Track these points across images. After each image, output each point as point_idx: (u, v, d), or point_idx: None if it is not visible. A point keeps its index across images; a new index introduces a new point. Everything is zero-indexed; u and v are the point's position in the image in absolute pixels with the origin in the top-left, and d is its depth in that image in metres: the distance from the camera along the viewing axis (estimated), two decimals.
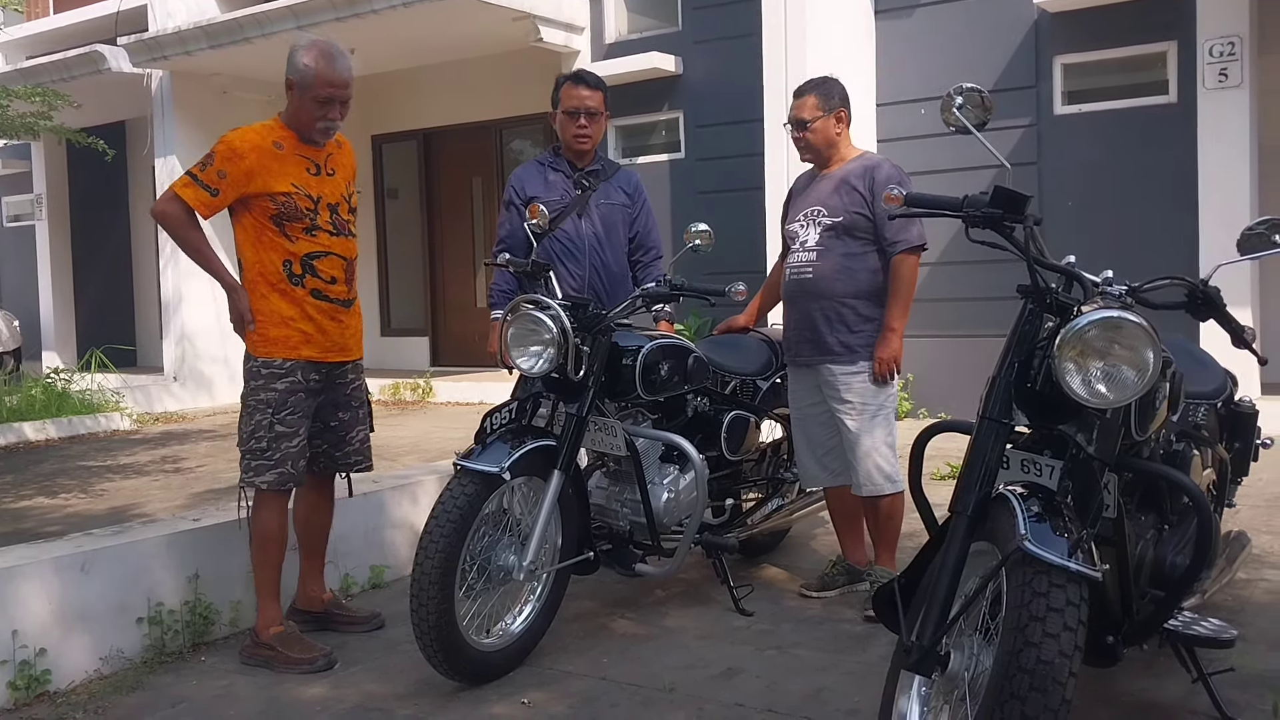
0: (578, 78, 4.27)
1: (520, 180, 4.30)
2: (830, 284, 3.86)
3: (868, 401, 3.84)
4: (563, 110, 4.22)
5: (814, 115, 3.94)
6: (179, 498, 6.08)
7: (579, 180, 4.27)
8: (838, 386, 3.87)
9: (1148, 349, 2.21)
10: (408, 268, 12.79)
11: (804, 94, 3.98)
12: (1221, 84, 7.08)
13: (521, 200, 4.19)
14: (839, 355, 3.86)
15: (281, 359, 3.52)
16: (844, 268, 3.84)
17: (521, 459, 3.28)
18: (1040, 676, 2.00)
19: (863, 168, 3.89)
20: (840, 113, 3.95)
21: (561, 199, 4.22)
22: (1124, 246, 7.31)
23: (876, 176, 3.82)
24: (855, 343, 3.85)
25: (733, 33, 9.12)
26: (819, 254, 3.88)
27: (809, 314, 3.91)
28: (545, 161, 4.34)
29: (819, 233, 3.89)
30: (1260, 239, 2.59)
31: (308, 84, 3.51)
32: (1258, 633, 3.42)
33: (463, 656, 3.19)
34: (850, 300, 3.84)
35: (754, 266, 8.12)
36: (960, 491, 2.37)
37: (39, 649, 3.26)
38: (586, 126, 4.21)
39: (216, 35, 10.06)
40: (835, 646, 3.49)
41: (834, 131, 3.95)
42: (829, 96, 3.94)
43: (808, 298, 3.91)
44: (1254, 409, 3.43)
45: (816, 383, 3.96)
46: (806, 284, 3.91)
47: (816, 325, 3.89)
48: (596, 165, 4.33)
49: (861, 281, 3.84)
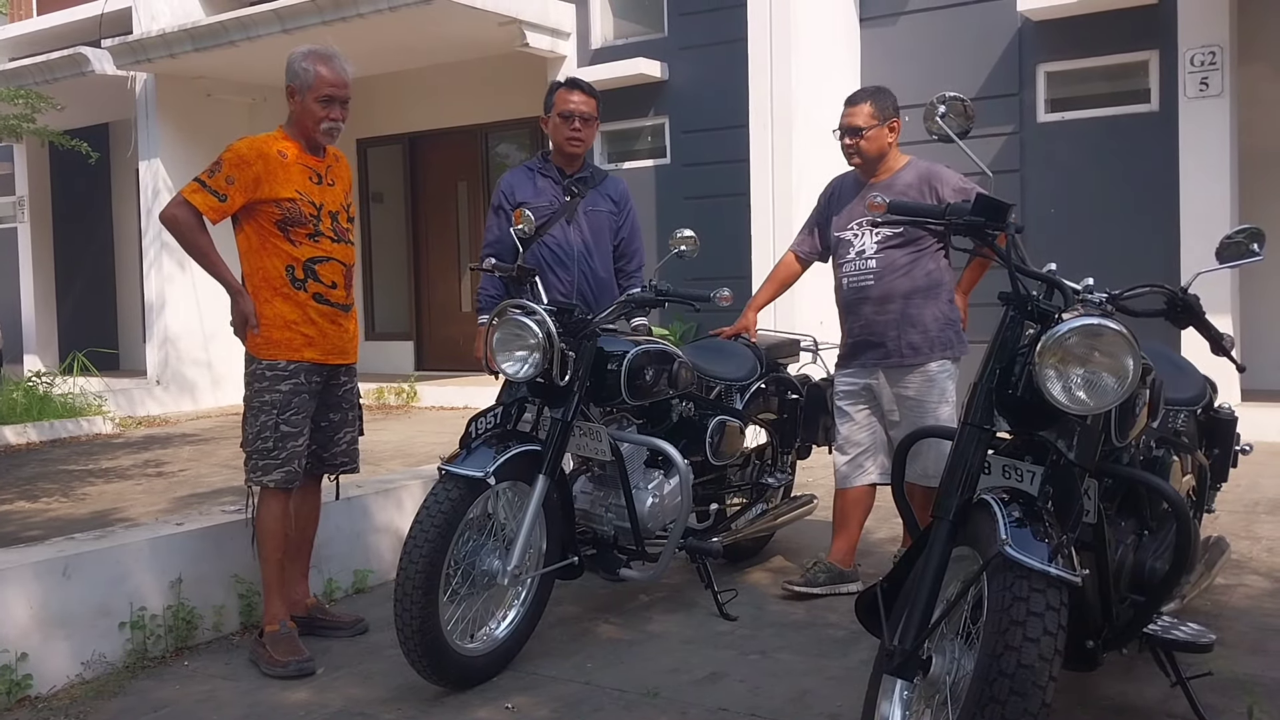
0: (573, 83, 4.29)
1: (509, 185, 4.32)
2: (898, 289, 3.99)
3: (932, 397, 3.98)
4: (557, 113, 4.24)
5: (869, 124, 4.01)
6: (161, 502, 6.05)
7: (568, 186, 4.28)
8: (904, 384, 4.01)
9: (1127, 356, 2.23)
10: (393, 272, 12.77)
11: (859, 101, 4.06)
12: (1203, 93, 7.15)
13: (511, 205, 4.20)
14: (905, 358, 4.00)
15: (285, 361, 3.58)
16: (906, 275, 3.98)
17: (506, 464, 3.28)
18: (1020, 680, 2.02)
19: (919, 177, 4.01)
20: (894, 123, 4.05)
21: (550, 205, 4.23)
22: (1105, 254, 7.36)
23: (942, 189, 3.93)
24: (922, 343, 3.98)
25: (718, 39, 9.14)
26: (879, 262, 4.00)
27: (872, 321, 4.04)
28: (534, 167, 4.35)
29: (877, 242, 4.01)
30: (1239, 247, 2.61)
31: (309, 86, 3.59)
32: (1236, 637, 3.45)
33: (447, 661, 3.19)
34: (920, 302, 3.98)
35: (739, 272, 8.15)
36: (942, 497, 2.39)
37: (20, 654, 3.24)
38: (580, 131, 4.23)
39: (201, 38, 10.03)
40: (818, 651, 3.51)
41: (887, 141, 4.05)
42: (884, 106, 4.04)
43: (871, 306, 4.03)
44: (1233, 415, 3.47)
45: (876, 388, 4.08)
46: (866, 291, 4.04)
47: (883, 331, 4.01)
48: (585, 172, 4.35)
49: (920, 284, 3.99)
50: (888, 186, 4.00)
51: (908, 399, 4.02)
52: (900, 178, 4.03)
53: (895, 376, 4.04)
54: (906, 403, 4.02)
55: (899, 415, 4.05)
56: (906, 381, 4.01)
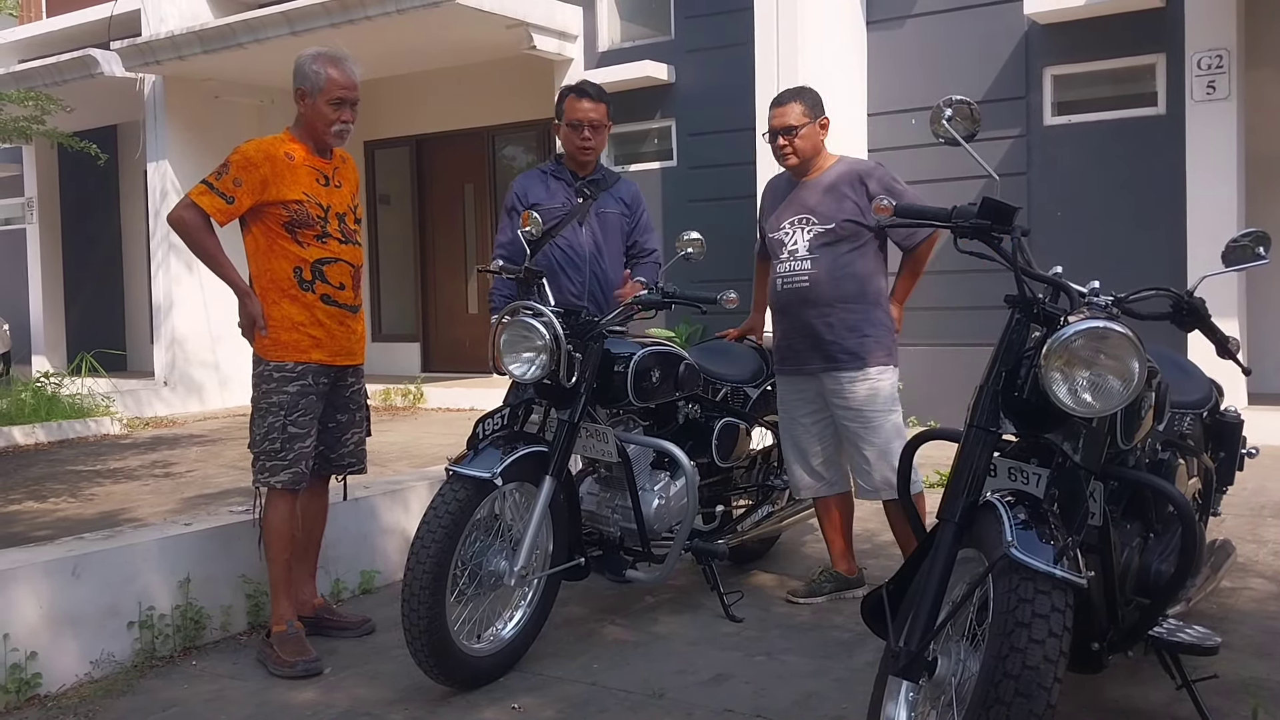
0: (581, 90, 4.31)
1: (523, 187, 4.36)
2: (828, 291, 3.88)
3: (877, 408, 3.86)
4: (566, 122, 4.28)
5: (801, 122, 3.97)
6: (169, 502, 6.07)
7: (580, 189, 4.32)
8: (845, 394, 3.89)
9: (1133, 359, 2.24)
10: (400, 273, 12.79)
11: (787, 101, 4.01)
12: (1209, 96, 7.14)
13: (524, 207, 4.23)
14: (842, 364, 3.88)
15: (293, 362, 3.59)
16: (842, 274, 3.87)
17: (513, 465, 3.30)
18: (1025, 682, 2.03)
19: (851, 173, 3.91)
20: (824, 120, 4.00)
21: (563, 207, 4.27)
22: (1111, 257, 7.35)
23: (870, 184, 3.85)
24: (859, 348, 3.86)
25: (725, 42, 9.15)
26: (813, 262, 3.90)
27: (808, 322, 3.93)
28: (548, 170, 4.40)
29: (809, 240, 3.91)
30: (1245, 251, 2.62)
31: (320, 88, 3.61)
32: (1242, 640, 3.45)
33: (453, 661, 3.20)
34: (850, 305, 3.87)
35: (745, 274, 8.08)
36: (948, 499, 2.40)
37: (30, 652, 3.26)
38: (590, 139, 4.27)
39: (209, 40, 10.06)
40: (824, 653, 3.51)
41: (819, 138, 3.99)
42: (813, 104, 3.99)
43: (805, 306, 3.93)
44: (1239, 418, 3.47)
45: (815, 392, 3.98)
46: (800, 293, 3.93)
47: (818, 333, 3.90)
48: (597, 175, 4.38)
49: (857, 285, 3.87)
50: (817, 184, 3.96)
51: (850, 409, 3.89)
52: (828, 175, 3.96)
53: (833, 383, 3.91)
54: (848, 414, 3.89)
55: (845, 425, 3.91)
56: (847, 391, 3.88)
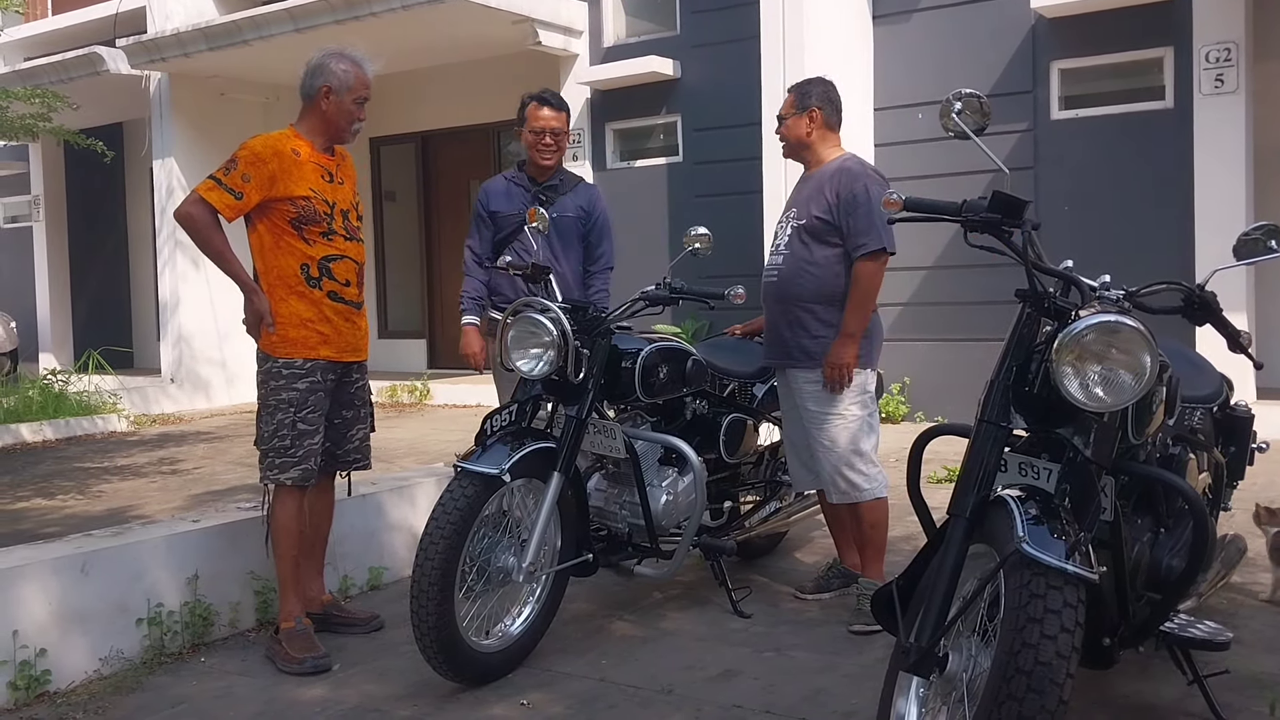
0: (543, 99, 4.45)
1: (485, 194, 4.54)
2: (790, 287, 3.84)
3: (827, 408, 3.79)
4: (528, 130, 4.43)
5: (788, 112, 3.96)
6: (177, 499, 6.08)
7: (537, 195, 4.44)
8: (800, 393, 3.86)
9: (1144, 353, 2.22)
10: (405, 270, 12.80)
11: (789, 91, 4.02)
12: (1218, 90, 7.11)
13: (486, 213, 4.47)
14: (798, 361, 3.84)
15: (302, 359, 3.60)
16: (804, 271, 3.81)
17: (521, 461, 3.29)
18: (1038, 678, 2.02)
19: (834, 170, 3.85)
20: (813, 112, 3.90)
21: (520, 212, 4.36)
22: (1121, 251, 7.33)
23: (842, 179, 3.78)
24: (814, 348, 3.80)
25: (731, 37, 9.13)
26: (784, 258, 3.88)
27: (774, 317, 3.93)
28: (509, 177, 4.56)
29: (788, 236, 3.90)
30: (1256, 244, 2.60)
31: (349, 86, 3.67)
32: (1253, 635, 3.44)
33: (462, 658, 3.20)
34: (810, 304, 3.80)
35: (752, 270, 8.07)
36: (958, 494, 2.39)
37: (39, 649, 3.26)
38: (551, 145, 4.42)
39: (215, 37, 10.07)
40: (833, 648, 3.50)
41: (804, 130, 3.92)
42: (805, 95, 3.94)
43: (772, 300, 3.92)
44: (1249, 413, 3.45)
45: (788, 387, 3.98)
46: (771, 287, 3.92)
47: (780, 329, 3.89)
48: (555, 180, 4.50)
49: (824, 286, 3.78)
50: (810, 179, 3.93)
51: (804, 407, 3.84)
52: (823, 170, 3.89)
53: (793, 379, 3.87)
54: (804, 411, 3.85)
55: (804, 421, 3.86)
56: (803, 388, 3.83)
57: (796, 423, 3.97)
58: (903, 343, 8.01)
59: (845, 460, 3.79)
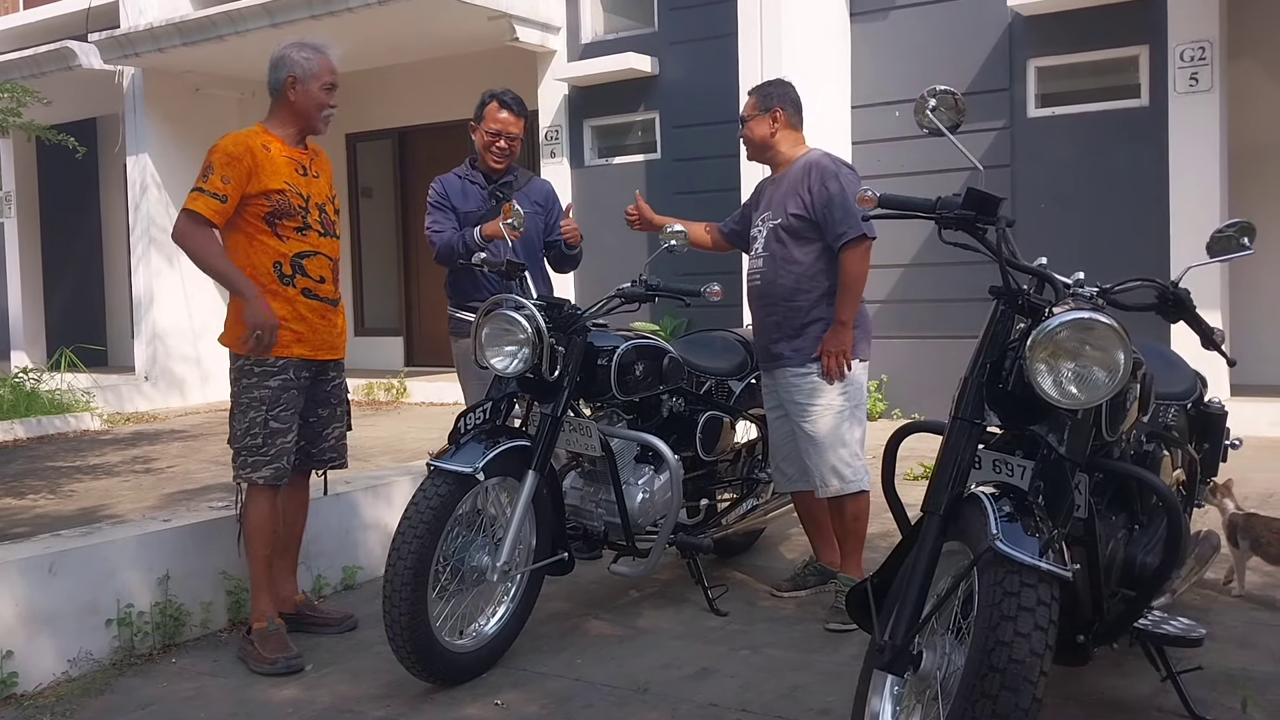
0: (504, 101, 4.43)
1: (442, 185, 4.49)
2: (776, 288, 3.86)
3: (819, 402, 3.81)
4: (484, 129, 4.41)
5: (751, 113, 3.98)
6: (150, 498, 6.02)
7: (493, 192, 4.43)
8: (790, 389, 3.87)
9: (1118, 350, 2.23)
10: (382, 267, 12.73)
11: (750, 94, 4.04)
12: (1192, 88, 7.15)
13: (447, 204, 4.41)
14: (789, 359, 3.86)
15: (274, 357, 3.55)
16: (788, 271, 3.83)
17: (496, 459, 3.27)
18: (1011, 675, 2.01)
19: (803, 167, 3.87)
20: (776, 113, 3.93)
21: (477, 210, 4.38)
22: (1095, 248, 7.36)
23: (813, 174, 3.80)
24: (803, 345, 3.83)
25: (709, 34, 9.12)
26: (765, 260, 3.90)
27: (762, 319, 3.95)
28: (462, 174, 4.52)
29: (765, 237, 3.92)
30: (1229, 241, 2.61)
31: (313, 73, 3.64)
32: (1226, 631, 3.45)
33: (436, 658, 3.17)
34: (796, 303, 3.83)
35: (729, 267, 8.11)
36: (932, 491, 2.39)
37: (5, 651, 3.22)
38: (505, 149, 4.41)
39: (189, 32, 9.97)
40: (809, 646, 3.50)
41: (767, 131, 3.94)
42: (767, 96, 3.97)
43: (758, 304, 3.95)
44: (1223, 410, 3.47)
45: (774, 387, 3.98)
46: (755, 290, 3.95)
47: (769, 330, 3.91)
48: (509, 177, 4.49)
49: (806, 283, 3.81)
50: (781, 179, 3.94)
51: (794, 403, 3.85)
52: (792, 170, 3.91)
53: (781, 378, 3.90)
54: (793, 407, 3.86)
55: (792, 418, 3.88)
56: (792, 386, 3.85)
57: (782, 424, 3.97)
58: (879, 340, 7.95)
59: (838, 455, 3.80)
